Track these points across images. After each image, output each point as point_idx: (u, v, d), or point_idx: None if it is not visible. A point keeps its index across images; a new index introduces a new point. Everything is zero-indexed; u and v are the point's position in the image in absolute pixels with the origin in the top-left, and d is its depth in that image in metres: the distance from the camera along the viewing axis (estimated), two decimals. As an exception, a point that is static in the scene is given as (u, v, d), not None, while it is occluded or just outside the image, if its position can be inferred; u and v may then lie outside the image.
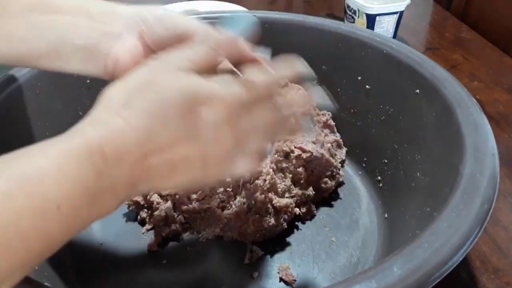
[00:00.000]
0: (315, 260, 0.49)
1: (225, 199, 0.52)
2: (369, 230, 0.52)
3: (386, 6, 0.83)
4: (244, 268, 0.48)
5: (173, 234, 0.52)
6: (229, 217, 0.51)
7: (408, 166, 0.50)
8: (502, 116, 0.70)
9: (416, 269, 0.28)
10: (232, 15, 0.32)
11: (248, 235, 0.49)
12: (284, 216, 0.50)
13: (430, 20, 1.04)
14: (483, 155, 0.37)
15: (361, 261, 0.48)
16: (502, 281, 0.45)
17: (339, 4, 1.00)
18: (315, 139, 0.53)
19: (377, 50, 0.55)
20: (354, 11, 0.85)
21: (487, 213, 0.33)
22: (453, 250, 0.30)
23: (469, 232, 0.31)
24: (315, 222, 0.54)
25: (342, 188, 0.58)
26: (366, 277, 0.28)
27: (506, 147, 0.63)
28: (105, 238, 0.52)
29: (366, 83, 0.57)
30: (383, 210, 0.54)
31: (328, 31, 0.60)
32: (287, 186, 0.51)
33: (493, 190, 0.34)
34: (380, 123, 0.56)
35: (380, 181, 0.56)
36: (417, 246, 0.30)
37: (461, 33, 0.95)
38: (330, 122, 0.61)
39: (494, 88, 0.76)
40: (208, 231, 0.52)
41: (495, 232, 0.51)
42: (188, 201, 0.51)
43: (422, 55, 0.51)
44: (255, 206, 0.49)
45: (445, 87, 0.45)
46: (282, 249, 0.50)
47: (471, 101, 0.43)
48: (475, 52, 0.88)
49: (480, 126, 0.40)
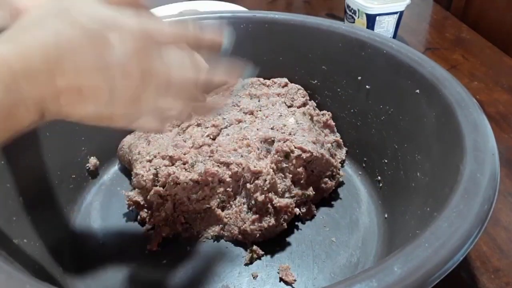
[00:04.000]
0: (315, 260, 0.49)
1: (225, 199, 0.52)
2: (369, 230, 0.52)
3: (386, 6, 0.83)
4: (244, 268, 0.48)
5: (173, 234, 0.52)
6: (229, 217, 0.51)
7: (408, 166, 0.50)
8: (502, 116, 0.70)
9: (417, 269, 0.28)
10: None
11: (248, 235, 0.49)
12: (284, 216, 0.50)
13: (430, 20, 1.04)
14: (483, 155, 0.37)
15: (361, 261, 0.48)
16: (502, 281, 0.45)
17: (339, 4, 1.00)
18: (315, 139, 0.53)
19: (377, 50, 0.55)
20: (354, 11, 0.85)
21: (487, 213, 0.33)
22: (453, 250, 0.30)
23: (469, 232, 0.31)
24: (315, 222, 0.54)
25: (342, 188, 0.58)
26: (367, 276, 0.28)
27: (506, 147, 0.63)
28: (105, 238, 0.52)
29: (366, 83, 0.57)
30: (383, 210, 0.54)
31: (328, 31, 0.60)
32: (287, 186, 0.51)
33: (493, 190, 0.34)
34: (380, 123, 0.56)
35: (380, 181, 0.56)
36: (417, 246, 0.30)
37: (461, 33, 0.95)
38: (330, 122, 0.61)
39: (494, 88, 0.76)
40: (208, 231, 0.52)
41: (495, 232, 0.51)
42: (188, 201, 0.51)
43: (422, 55, 0.51)
44: (255, 206, 0.49)
45: (445, 87, 0.46)
46: (282, 249, 0.50)
47: (471, 101, 0.43)
48: (475, 52, 0.88)
49: (480, 126, 0.40)
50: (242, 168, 0.50)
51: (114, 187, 0.59)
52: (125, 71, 0.30)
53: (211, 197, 0.51)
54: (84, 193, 0.57)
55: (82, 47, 0.28)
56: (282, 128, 0.54)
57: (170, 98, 0.33)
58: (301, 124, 0.55)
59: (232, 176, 0.51)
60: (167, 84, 0.32)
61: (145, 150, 0.53)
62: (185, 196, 0.50)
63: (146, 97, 0.31)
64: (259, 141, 0.52)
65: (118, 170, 0.61)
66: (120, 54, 0.29)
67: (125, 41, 0.29)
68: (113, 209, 0.55)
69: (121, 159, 0.59)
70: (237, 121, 0.56)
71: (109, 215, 0.55)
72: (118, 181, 0.60)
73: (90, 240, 0.52)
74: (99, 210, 0.55)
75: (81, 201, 0.56)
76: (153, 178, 0.52)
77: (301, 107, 0.60)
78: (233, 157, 0.51)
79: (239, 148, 0.52)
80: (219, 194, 0.51)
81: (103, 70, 0.29)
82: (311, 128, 0.56)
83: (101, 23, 0.28)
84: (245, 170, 0.50)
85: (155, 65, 0.31)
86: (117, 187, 0.59)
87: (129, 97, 0.31)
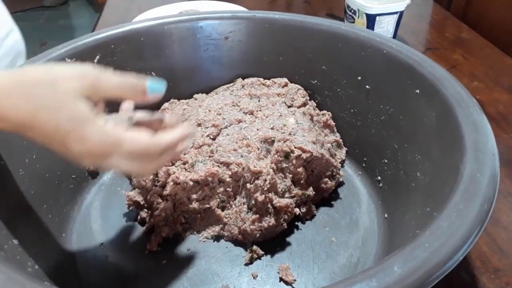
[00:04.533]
0: (315, 260, 0.49)
1: (225, 199, 0.52)
2: (369, 230, 0.52)
3: (386, 6, 0.83)
4: (244, 268, 0.48)
5: (173, 234, 0.52)
6: (229, 217, 0.51)
7: (408, 166, 0.50)
8: (502, 116, 0.70)
9: (417, 269, 0.28)
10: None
11: (248, 235, 0.49)
12: (284, 216, 0.50)
13: (430, 20, 1.04)
14: (483, 155, 0.37)
15: (361, 261, 0.48)
16: (502, 281, 0.45)
17: (339, 4, 1.00)
18: (315, 139, 0.53)
19: (377, 50, 0.55)
20: (354, 11, 0.85)
21: (487, 213, 0.33)
22: (453, 250, 0.30)
23: (469, 232, 0.31)
24: (315, 222, 0.54)
25: (342, 188, 0.58)
26: (367, 276, 0.28)
27: (506, 147, 0.63)
28: (105, 238, 0.52)
29: (366, 83, 0.57)
30: (383, 210, 0.54)
31: (328, 31, 0.60)
32: (287, 186, 0.51)
33: (493, 190, 0.34)
34: (380, 123, 0.56)
35: (380, 181, 0.56)
36: (417, 246, 0.30)
37: (461, 33, 0.95)
38: (330, 122, 0.61)
39: (494, 88, 0.76)
40: (208, 231, 0.52)
41: (495, 232, 0.51)
42: (188, 201, 0.51)
43: (422, 55, 0.51)
44: (255, 206, 0.49)
45: (445, 87, 0.45)
46: (282, 249, 0.50)
47: (471, 101, 0.43)
48: (475, 52, 0.88)
49: (480, 126, 0.40)
50: (242, 168, 0.50)
51: (114, 187, 0.59)
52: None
53: (211, 197, 0.51)
54: (84, 193, 0.57)
55: (56, 133, 0.33)
56: (282, 128, 0.54)
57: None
58: (301, 124, 0.55)
59: (232, 176, 0.51)
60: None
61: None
62: (185, 196, 0.50)
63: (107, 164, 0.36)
64: (259, 141, 0.52)
65: (118, 170, 0.61)
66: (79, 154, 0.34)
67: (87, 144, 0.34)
68: (113, 209, 0.55)
69: (121, 159, 0.59)
70: (237, 121, 0.56)
71: (109, 215, 0.55)
72: (118, 181, 0.60)
73: (90, 240, 0.52)
74: (99, 210, 0.55)
75: (81, 201, 0.56)
76: (153, 178, 0.52)
77: (301, 107, 0.60)
78: (233, 157, 0.51)
79: (239, 148, 0.52)
80: (219, 194, 0.51)
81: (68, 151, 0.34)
82: (311, 128, 0.56)
83: (71, 123, 0.33)
84: (245, 170, 0.50)
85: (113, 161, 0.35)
86: (117, 187, 0.59)
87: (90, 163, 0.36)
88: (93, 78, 0.34)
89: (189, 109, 0.61)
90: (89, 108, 0.33)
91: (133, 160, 0.35)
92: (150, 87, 0.37)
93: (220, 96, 0.62)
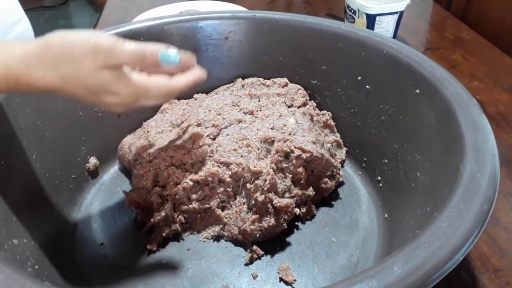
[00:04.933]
0: (315, 260, 0.49)
1: (225, 199, 0.52)
2: (369, 230, 0.52)
3: (386, 6, 0.83)
4: (244, 268, 0.48)
5: (173, 234, 0.52)
6: (229, 217, 0.51)
7: (408, 166, 0.50)
8: (502, 116, 0.70)
9: (417, 269, 0.28)
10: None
11: (248, 235, 0.49)
12: (284, 216, 0.50)
13: (430, 20, 1.04)
14: (483, 155, 0.37)
15: (361, 261, 0.48)
16: (502, 281, 0.45)
17: (339, 4, 1.00)
18: (315, 139, 0.53)
19: (377, 50, 0.55)
20: (354, 11, 0.85)
21: (487, 213, 0.33)
22: (453, 250, 0.30)
23: (469, 232, 0.31)
24: (315, 222, 0.54)
25: (342, 188, 0.58)
26: (367, 276, 0.28)
27: (506, 147, 0.63)
28: (105, 238, 0.52)
29: (366, 83, 0.57)
30: (383, 210, 0.54)
31: (328, 31, 0.60)
32: (287, 186, 0.51)
33: (493, 190, 0.34)
34: (380, 123, 0.56)
35: (380, 181, 0.56)
36: (417, 246, 0.30)
37: (461, 33, 0.95)
38: (330, 122, 0.61)
39: (494, 88, 0.76)
40: (208, 231, 0.52)
41: (495, 232, 0.51)
42: (188, 201, 0.51)
43: (422, 55, 0.51)
44: (255, 206, 0.49)
45: (445, 87, 0.45)
46: (282, 249, 0.50)
47: (471, 101, 0.43)
48: (475, 52, 0.88)
49: (480, 126, 0.40)
50: (242, 168, 0.50)
51: (114, 187, 0.59)
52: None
53: (211, 197, 0.51)
54: (84, 193, 0.57)
55: (87, 94, 0.37)
56: (282, 128, 0.54)
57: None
58: (301, 124, 0.55)
59: (232, 176, 0.51)
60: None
61: (145, 150, 0.53)
62: (185, 196, 0.50)
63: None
64: (259, 141, 0.52)
65: (118, 170, 0.61)
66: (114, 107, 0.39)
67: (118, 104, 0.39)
68: (113, 209, 0.55)
69: (121, 159, 0.59)
70: (237, 121, 0.56)
71: (109, 215, 0.55)
72: (118, 181, 0.60)
73: (90, 240, 0.52)
74: (99, 210, 0.55)
75: (81, 201, 0.56)
76: (153, 178, 0.52)
77: (301, 107, 0.60)
78: (233, 157, 0.51)
79: (239, 148, 0.52)
80: (219, 194, 0.51)
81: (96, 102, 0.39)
82: (311, 128, 0.56)
83: (100, 87, 0.37)
84: (245, 170, 0.50)
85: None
86: (117, 187, 0.59)
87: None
88: (106, 50, 0.36)
89: (189, 109, 0.61)
90: (110, 72, 0.37)
91: (157, 99, 0.41)
92: (163, 57, 0.39)
93: (220, 96, 0.62)
